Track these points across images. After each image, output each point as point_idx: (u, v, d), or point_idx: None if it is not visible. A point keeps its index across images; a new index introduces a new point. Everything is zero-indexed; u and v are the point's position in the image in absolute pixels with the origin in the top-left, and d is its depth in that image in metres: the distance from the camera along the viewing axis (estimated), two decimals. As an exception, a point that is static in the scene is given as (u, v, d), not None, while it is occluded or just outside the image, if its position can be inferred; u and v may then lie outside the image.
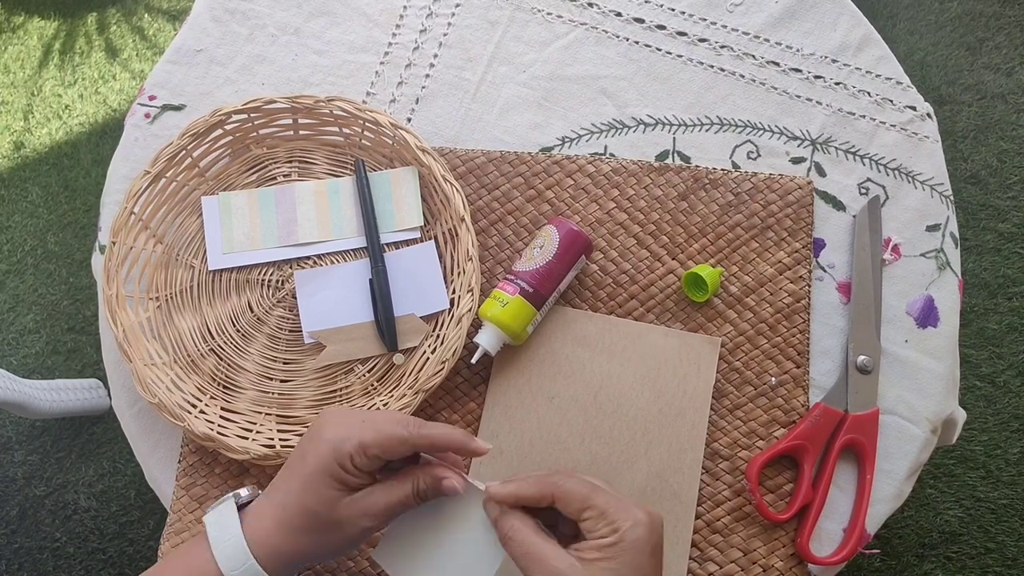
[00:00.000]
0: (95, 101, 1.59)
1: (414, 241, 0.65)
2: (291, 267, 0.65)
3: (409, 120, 0.70)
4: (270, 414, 0.61)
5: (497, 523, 0.44)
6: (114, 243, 0.61)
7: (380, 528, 0.46)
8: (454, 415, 0.61)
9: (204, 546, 0.44)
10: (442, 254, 0.64)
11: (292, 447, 0.58)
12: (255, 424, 0.60)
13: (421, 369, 0.60)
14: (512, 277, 0.60)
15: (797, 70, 0.70)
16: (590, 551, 0.40)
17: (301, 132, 0.67)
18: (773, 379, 0.61)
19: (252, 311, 0.64)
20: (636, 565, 0.40)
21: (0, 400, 1.06)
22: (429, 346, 0.61)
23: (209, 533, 0.45)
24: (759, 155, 0.67)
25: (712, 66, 0.70)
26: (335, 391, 0.62)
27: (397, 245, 0.65)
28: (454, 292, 0.62)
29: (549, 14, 0.72)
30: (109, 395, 1.30)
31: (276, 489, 0.46)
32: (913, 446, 0.60)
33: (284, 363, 0.63)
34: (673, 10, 0.72)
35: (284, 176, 0.67)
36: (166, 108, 0.71)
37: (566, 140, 0.69)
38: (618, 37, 0.71)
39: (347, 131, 0.66)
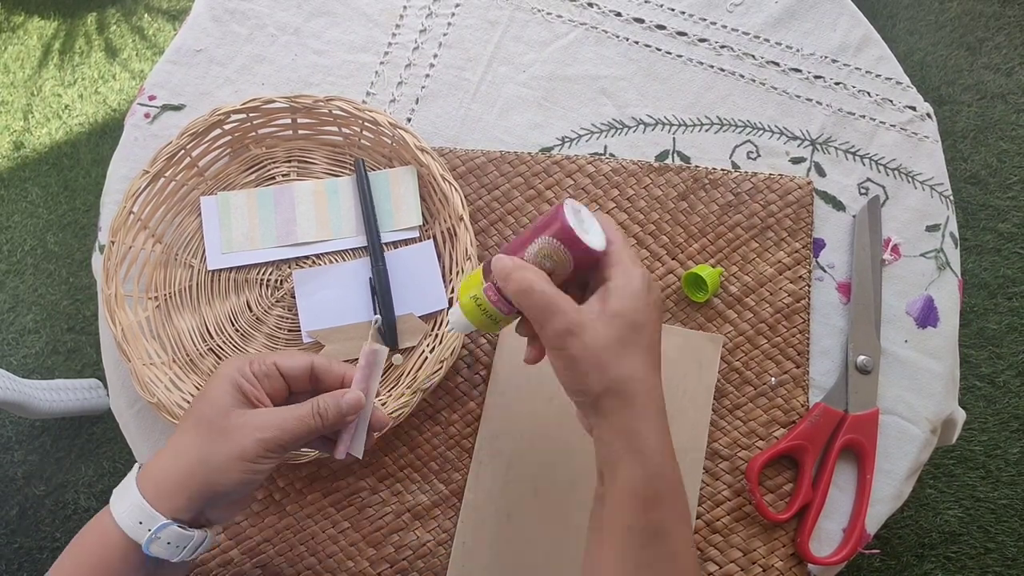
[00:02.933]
0: (95, 101, 1.59)
1: (413, 240, 0.65)
2: (290, 267, 0.65)
3: (409, 120, 0.70)
4: (269, 414, 0.61)
5: (510, 277, 0.42)
6: (113, 243, 0.61)
7: (276, 449, 0.43)
8: (453, 415, 0.61)
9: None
10: (441, 253, 0.64)
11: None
12: (254, 424, 0.60)
13: (420, 368, 0.60)
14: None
15: (797, 70, 0.70)
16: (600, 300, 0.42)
17: (300, 132, 0.67)
18: (773, 379, 0.61)
19: (251, 310, 0.64)
20: (647, 307, 0.42)
21: (0, 400, 1.06)
22: (428, 346, 0.61)
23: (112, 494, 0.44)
24: (759, 155, 0.67)
25: (712, 66, 0.70)
26: (334, 391, 0.62)
27: (396, 244, 0.65)
28: (453, 291, 0.62)
29: (549, 14, 0.72)
30: (108, 395, 1.30)
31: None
32: (913, 446, 0.60)
33: (283, 363, 0.63)
34: (673, 10, 0.72)
35: (283, 176, 0.67)
36: (166, 108, 0.71)
37: (566, 140, 0.69)
38: (618, 37, 0.71)
39: (346, 131, 0.66)
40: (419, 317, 0.62)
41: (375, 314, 0.61)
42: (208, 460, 0.42)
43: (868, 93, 0.69)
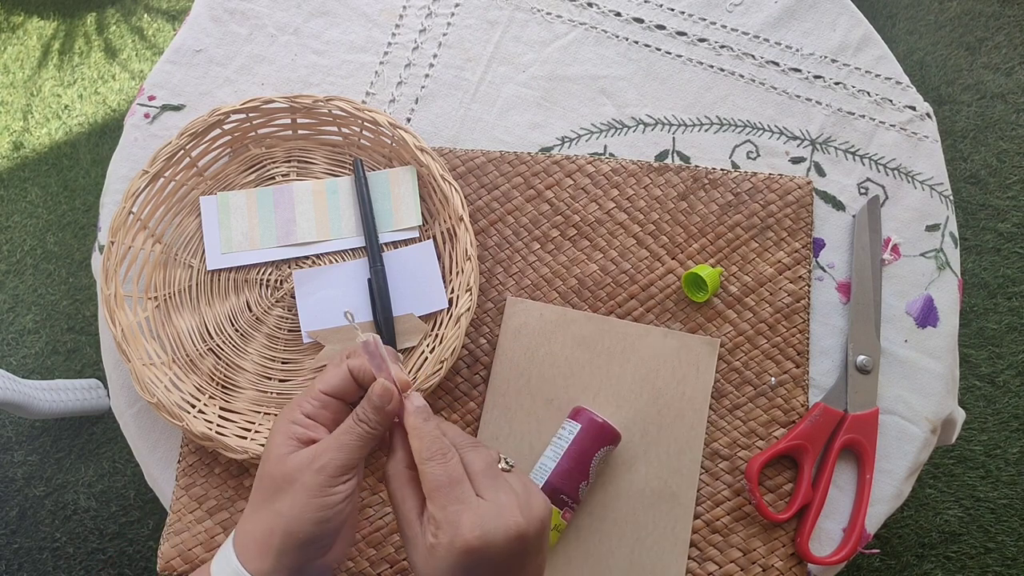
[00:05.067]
0: (94, 101, 1.59)
1: (412, 240, 0.65)
2: (290, 267, 0.65)
3: (409, 120, 0.70)
4: (269, 414, 0.61)
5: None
6: (113, 243, 0.61)
7: (338, 472, 0.41)
8: (453, 415, 0.61)
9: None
10: (441, 253, 0.64)
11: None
12: (254, 424, 0.60)
13: (420, 369, 0.60)
14: (576, 505, 0.55)
15: (797, 70, 0.70)
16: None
17: (300, 132, 0.67)
18: (773, 379, 0.61)
19: (251, 311, 0.64)
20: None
21: (0, 400, 1.06)
22: (428, 346, 0.61)
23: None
24: (759, 155, 0.67)
25: (712, 66, 0.70)
26: (334, 391, 0.62)
27: (396, 244, 0.65)
28: (452, 292, 0.62)
29: (548, 14, 0.72)
30: (108, 395, 1.30)
31: None
32: (912, 446, 0.60)
33: (283, 363, 0.63)
34: (672, 10, 0.72)
35: (283, 176, 0.67)
36: (165, 108, 0.71)
37: (566, 140, 0.69)
38: (617, 37, 0.71)
39: (346, 131, 0.66)
40: (419, 317, 0.62)
41: (355, 322, 0.52)
42: (281, 511, 0.40)
43: (868, 93, 0.69)
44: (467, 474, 0.40)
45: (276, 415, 0.61)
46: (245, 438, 0.59)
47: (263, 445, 0.58)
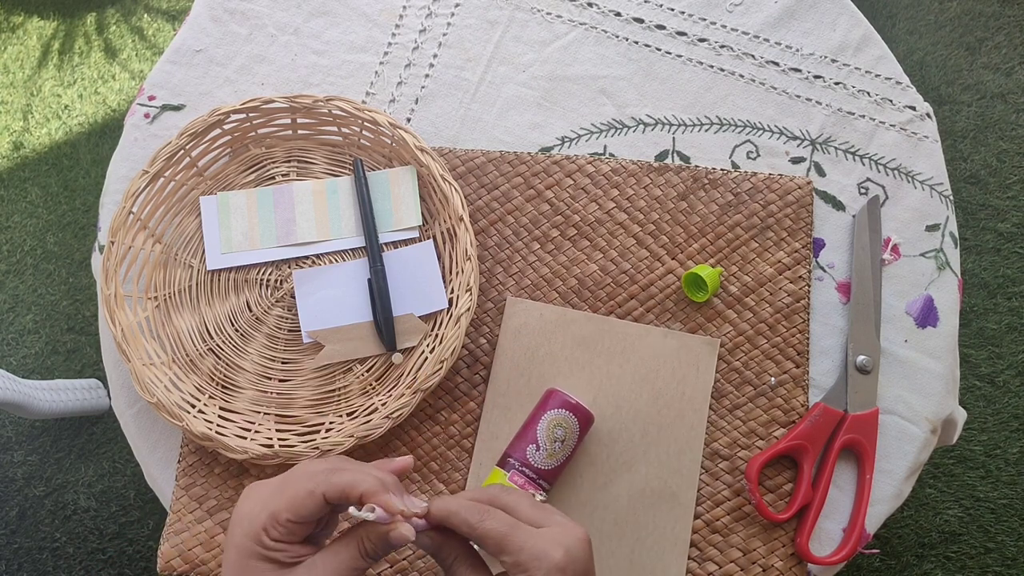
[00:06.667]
0: (94, 101, 1.58)
1: (412, 240, 0.65)
2: (290, 267, 0.65)
3: (409, 120, 0.70)
4: (268, 414, 0.61)
5: (437, 554, 0.42)
6: (113, 243, 0.61)
7: None
8: (453, 415, 0.61)
9: None
10: (441, 254, 0.64)
11: (290, 447, 0.58)
12: (253, 424, 0.60)
13: (420, 369, 0.60)
14: (535, 477, 0.55)
15: (797, 70, 0.70)
16: None
17: (300, 132, 0.67)
18: (773, 379, 0.61)
19: (251, 311, 0.64)
20: None
21: (0, 400, 1.06)
22: (428, 346, 0.61)
23: None
24: (759, 155, 0.67)
25: (712, 66, 0.70)
26: (333, 391, 0.62)
27: (396, 244, 0.65)
28: (452, 292, 0.62)
29: (548, 14, 0.72)
30: (109, 395, 1.30)
31: None
32: (913, 446, 0.60)
33: (283, 363, 0.63)
34: (672, 10, 0.72)
35: (283, 176, 0.67)
36: (165, 108, 0.71)
37: (566, 140, 0.69)
38: (617, 37, 0.71)
39: (346, 131, 0.66)
40: (419, 317, 0.62)
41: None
42: None
43: (868, 93, 0.69)
44: (518, 515, 0.42)
45: (267, 419, 0.61)
46: (245, 438, 0.59)
47: (263, 445, 0.58)
